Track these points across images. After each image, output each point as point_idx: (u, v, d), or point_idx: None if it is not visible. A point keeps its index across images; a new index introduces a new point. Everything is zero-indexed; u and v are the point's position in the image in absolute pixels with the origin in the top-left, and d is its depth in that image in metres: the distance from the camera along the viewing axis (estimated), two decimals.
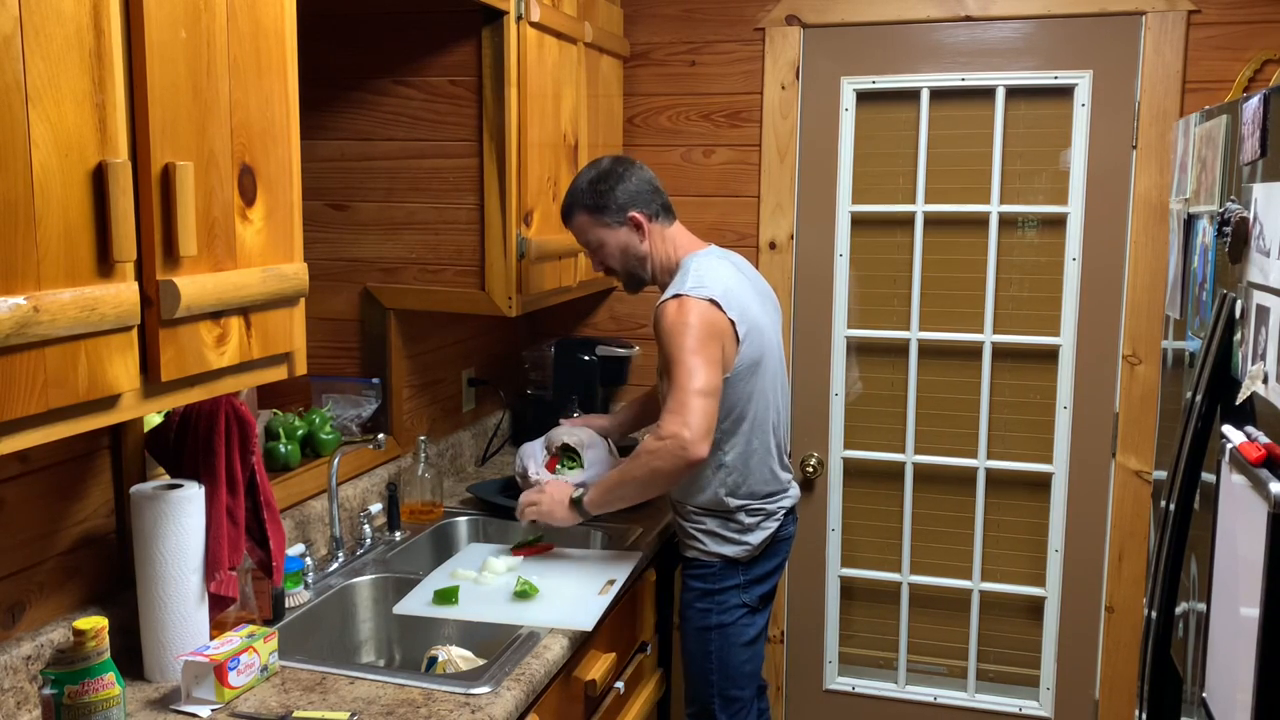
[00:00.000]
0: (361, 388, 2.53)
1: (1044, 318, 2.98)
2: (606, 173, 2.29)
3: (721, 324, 2.17)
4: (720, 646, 2.31)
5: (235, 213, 1.40)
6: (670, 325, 2.15)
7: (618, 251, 2.31)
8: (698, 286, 2.18)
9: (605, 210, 2.28)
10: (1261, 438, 1.52)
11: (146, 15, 1.23)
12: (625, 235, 2.29)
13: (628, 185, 2.28)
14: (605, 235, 2.29)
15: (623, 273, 2.35)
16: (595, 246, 2.33)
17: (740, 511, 2.28)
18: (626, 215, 2.28)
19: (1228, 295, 1.74)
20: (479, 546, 2.43)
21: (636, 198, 2.29)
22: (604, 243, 2.30)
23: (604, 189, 2.27)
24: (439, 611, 2.04)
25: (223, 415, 1.77)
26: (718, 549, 2.30)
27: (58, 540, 1.66)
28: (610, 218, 2.28)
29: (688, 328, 2.13)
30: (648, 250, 2.30)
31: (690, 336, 2.12)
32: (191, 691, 1.63)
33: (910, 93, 2.99)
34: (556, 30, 2.54)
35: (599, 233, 2.30)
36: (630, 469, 2.16)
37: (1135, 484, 2.91)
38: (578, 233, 2.34)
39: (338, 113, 2.46)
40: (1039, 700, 3.10)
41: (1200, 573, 1.81)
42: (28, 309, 1.08)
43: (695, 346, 2.12)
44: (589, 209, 2.29)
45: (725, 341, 2.17)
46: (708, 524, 2.29)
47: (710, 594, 2.31)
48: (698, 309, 2.15)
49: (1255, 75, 2.68)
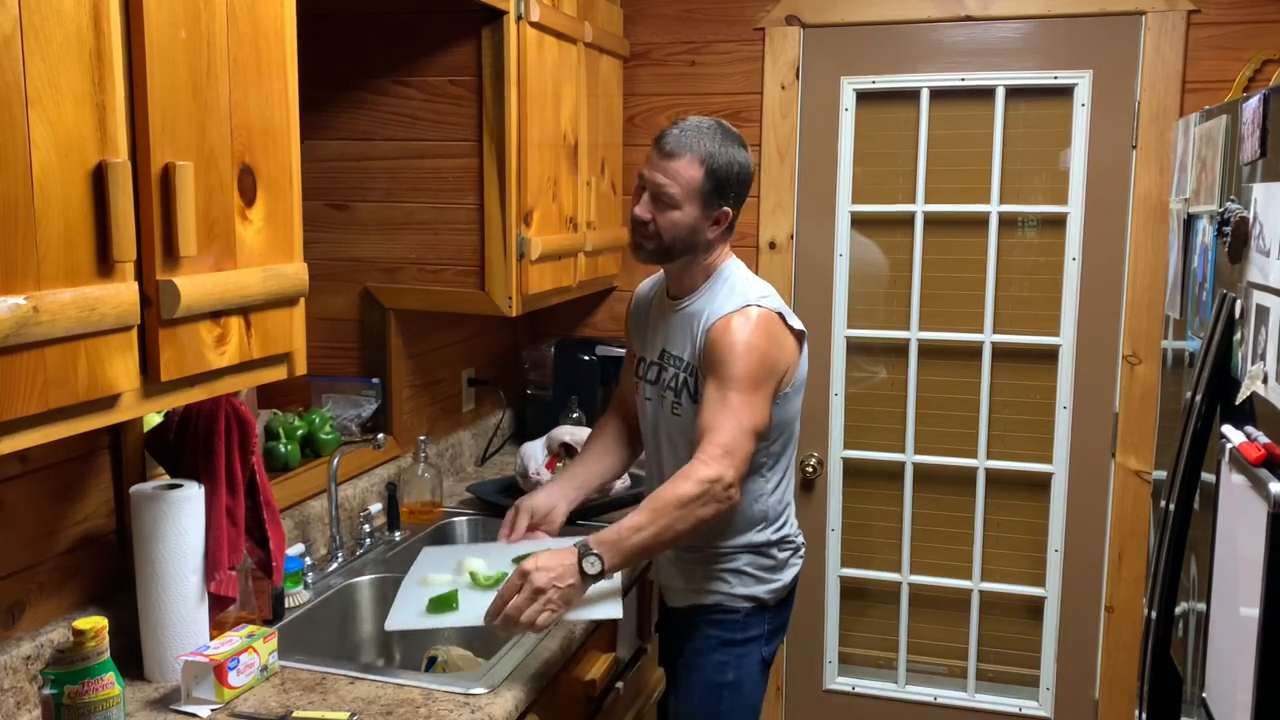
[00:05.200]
0: (361, 388, 2.53)
1: (1044, 318, 2.98)
2: (745, 155, 1.98)
3: (787, 341, 1.95)
4: (732, 708, 2.02)
5: (235, 213, 1.40)
6: (740, 344, 1.87)
7: (685, 226, 1.95)
8: (763, 296, 1.95)
9: (721, 186, 1.94)
10: (1261, 438, 1.52)
11: (146, 15, 1.23)
12: (705, 220, 1.96)
13: (749, 179, 2.00)
14: (694, 204, 1.94)
15: (665, 242, 1.96)
16: (672, 201, 1.94)
17: (776, 545, 2.04)
18: (722, 208, 1.97)
19: (1228, 295, 1.74)
20: (438, 550, 2.20)
21: (743, 196, 2.01)
22: (684, 207, 1.94)
23: (738, 166, 1.95)
24: (437, 621, 1.87)
25: (222, 415, 1.77)
26: (746, 590, 2.02)
27: (58, 540, 1.66)
28: (714, 198, 1.94)
29: (759, 354, 1.88)
30: (701, 247, 1.99)
31: (761, 364, 1.87)
32: (191, 691, 1.63)
33: (910, 93, 2.99)
34: (556, 30, 2.54)
35: (692, 196, 1.93)
36: (667, 521, 1.79)
37: (1135, 484, 2.91)
38: (673, 175, 1.93)
39: (338, 113, 2.46)
40: (1039, 700, 3.10)
41: (1200, 573, 1.81)
42: (27, 309, 1.08)
43: (762, 378, 1.87)
44: (709, 169, 1.92)
45: (790, 361, 1.96)
46: (739, 562, 2.01)
47: (732, 644, 2.01)
48: (766, 325, 1.91)
49: (1255, 75, 2.68)
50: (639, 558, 1.83)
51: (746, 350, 1.87)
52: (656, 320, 2.11)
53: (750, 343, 1.87)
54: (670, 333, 2.05)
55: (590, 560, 1.75)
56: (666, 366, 2.04)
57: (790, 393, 1.99)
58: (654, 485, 2.02)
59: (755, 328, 1.89)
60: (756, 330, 1.89)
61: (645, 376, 2.11)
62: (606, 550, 1.76)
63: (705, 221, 1.96)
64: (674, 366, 2.03)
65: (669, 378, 2.03)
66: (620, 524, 1.80)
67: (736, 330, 1.88)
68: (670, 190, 1.93)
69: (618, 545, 1.77)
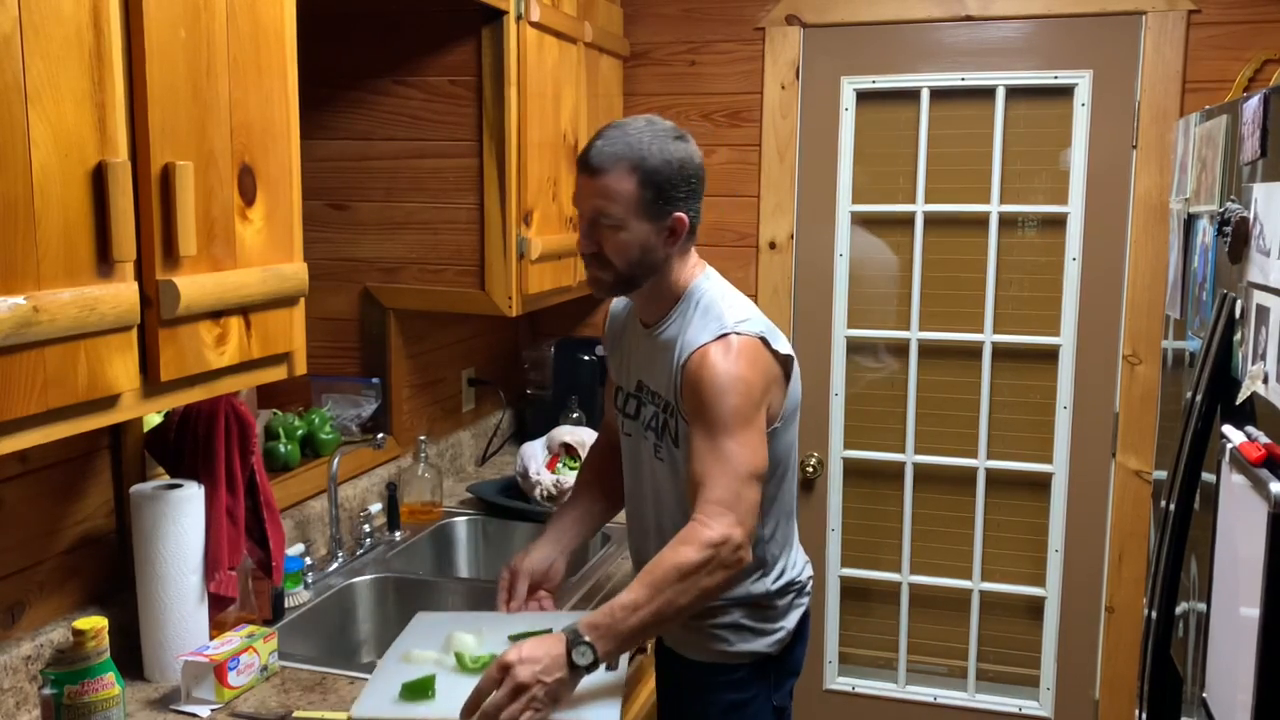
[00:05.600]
0: (361, 388, 2.53)
1: (1044, 318, 2.98)
2: (685, 149, 1.71)
3: (773, 370, 1.70)
4: None
5: (235, 212, 1.40)
6: (721, 379, 1.62)
7: (636, 246, 1.69)
8: (742, 320, 1.69)
9: (664, 191, 1.67)
10: (1261, 438, 1.52)
11: (146, 15, 1.23)
12: (658, 234, 1.70)
13: (698, 176, 1.73)
14: (638, 220, 1.68)
15: (622, 270, 1.71)
16: (613, 222, 1.68)
17: (777, 595, 1.81)
18: (673, 215, 1.70)
19: (1228, 295, 1.74)
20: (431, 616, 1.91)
21: (695, 195, 1.73)
22: (628, 226, 1.68)
23: (678, 162, 1.68)
24: (410, 710, 1.57)
25: (222, 415, 1.77)
26: (747, 646, 1.79)
27: (58, 540, 1.66)
28: (659, 206, 1.68)
29: (744, 386, 1.63)
30: (661, 264, 1.73)
31: (747, 398, 1.63)
32: (191, 691, 1.63)
33: (910, 92, 2.98)
34: (556, 30, 2.54)
35: (633, 211, 1.67)
36: (668, 596, 1.55)
37: (1135, 484, 2.91)
38: (605, 194, 1.67)
39: (338, 113, 2.46)
40: (1039, 700, 3.10)
41: (1200, 573, 1.81)
42: (27, 309, 1.08)
43: (750, 413, 1.63)
44: (643, 176, 1.66)
45: (775, 389, 1.71)
46: (733, 616, 1.77)
47: (738, 706, 1.80)
48: (751, 354, 1.66)
49: (1255, 75, 2.68)
50: (637, 641, 1.60)
51: (730, 385, 1.62)
52: (631, 346, 1.87)
53: (733, 375, 1.63)
54: (646, 363, 1.81)
55: (581, 650, 1.51)
56: (645, 403, 1.81)
57: (780, 426, 1.75)
58: (636, 528, 1.90)
59: (737, 358, 1.64)
60: (739, 361, 1.64)
61: (624, 409, 1.87)
62: (600, 637, 1.52)
63: (658, 236, 1.69)
64: (652, 404, 1.78)
65: (648, 416, 1.79)
66: (614, 603, 1.56)
67: (715, 364, 1.63)
68: (608, 211, 1.67)
69: (612, 630, 1.53)
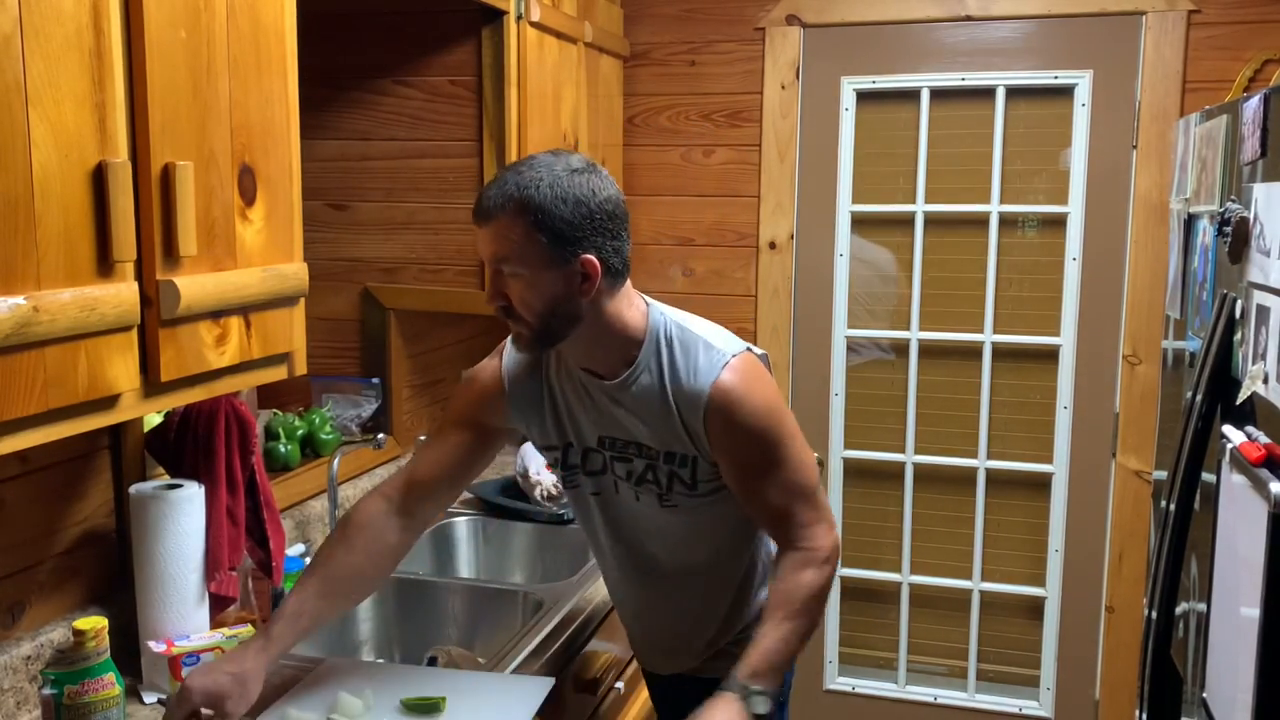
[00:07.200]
0: (361, 388, 2.53)
1: (1044, 318, 2.98)
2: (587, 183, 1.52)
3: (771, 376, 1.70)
4: None
5: (235, 213, 1.40)
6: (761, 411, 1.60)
7: (541, 296, 1.52)
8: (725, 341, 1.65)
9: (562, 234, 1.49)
10: (1261, 438, 1.52)
11: (146, 15, 1.23)
12: (565, 280, 1.51)
13: (604, 212, 1.52)
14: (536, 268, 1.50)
15: (535, 324, 1.54)
16: (513, 272, 1.52)
17: None
18: (580, 257, 1.51)
19: (1228, 295, 1.74)
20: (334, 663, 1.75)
21: (606, 233, 1.53)
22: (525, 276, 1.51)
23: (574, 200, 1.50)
24: None
25: (222, 415, 1.77)
26: None
27: (58, 540, 1.66)
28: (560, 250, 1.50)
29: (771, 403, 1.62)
30: (584, 311, 1.55)
31: (786, 415, 1.65)
32: (152, 677, 1.65)
33: (910, 93, 2.98)
34: (556, 30, 2.54)
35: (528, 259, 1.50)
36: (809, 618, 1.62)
37: (1135, 484, 2.91)
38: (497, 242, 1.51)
39: (338, 113, 2.46)
40: (1039, 700, 3.10)
41: (1200, 573, 1.81)
42: (28, 309, 1.08)
43: (787, 424, 1.64)
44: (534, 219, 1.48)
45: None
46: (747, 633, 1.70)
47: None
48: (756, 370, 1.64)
49: (1255, 75, 2.68)
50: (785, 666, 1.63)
51: (761, 412, 1.60)
52: (576, 402, 1.69)
53: (759, 403, 1.60)
54: (610, 417, 1.66)
55: (755, 700, 1.53)
56: (629, 457, 1.67)
57: None
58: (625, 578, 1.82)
59: (752, 380, 1.61)
60: (755, 382, 1.61)
61: (583, 467, 1.72)
62: (767, 681, 1.55)
63: (568, 283, 1.51)
64: (643, 457, 1.66)
65: (638, 471, 1.67)
66: (763, 647, 1.58)
67: (739, 400, 1.59)
68: (504, 259, 1.51)
69: (773, 669, 1.57)
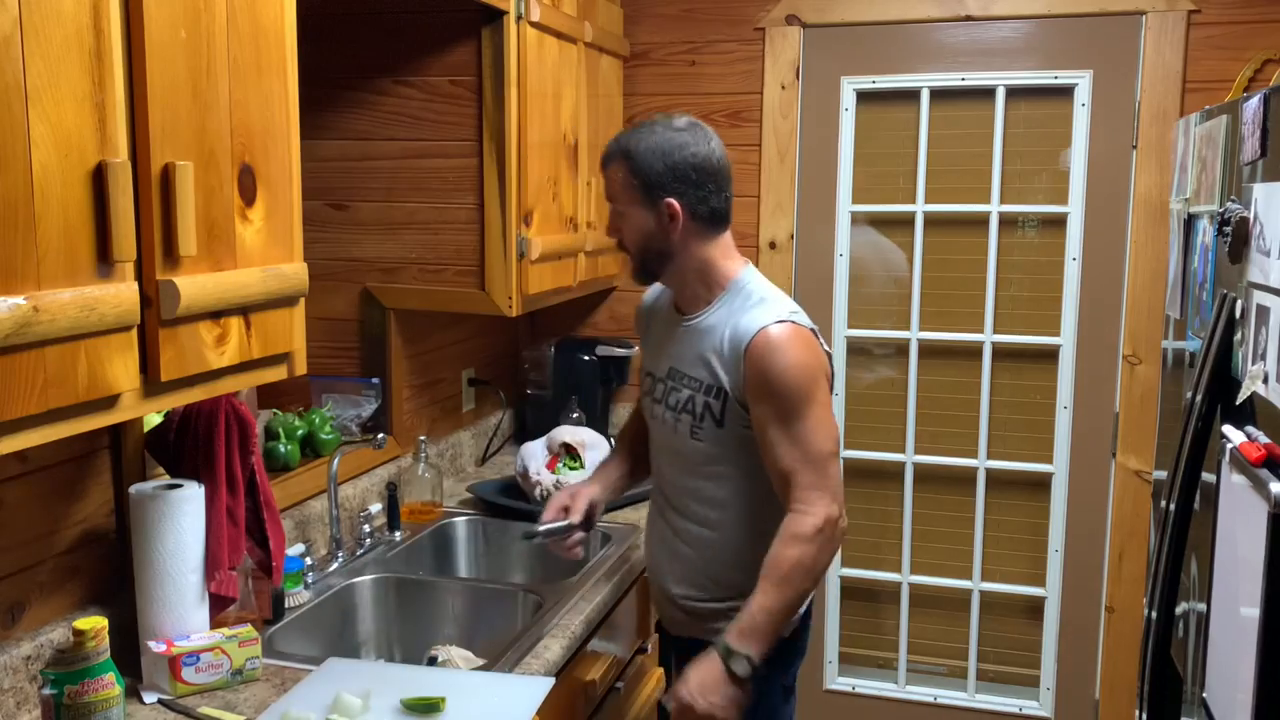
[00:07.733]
0: (361, 388, 2.53)
1: (1044, 318, 2.98)
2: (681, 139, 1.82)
3: (824, 361, 1.82)
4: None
5: (235, 212, 1.40)
6: (786, 361, 1.72)
7: (636, 231, 1.87)
8: (795, 311, 1.81)
9: (651, 179, 1.81)
10: (1261, 438, 1.52)
11: (146, 15, 1.23)
12: (655, 219, 1.84)
13: (692, 165, 1.81)
14: (633, 206, 1.85)
15: (635, 255, 1.90)
16: (617, 209, 1.90)
17: None
18: (664, 200, 1.82)
19: (1228, 295, 1.74)
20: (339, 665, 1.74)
21: (692, 184, 1.82)
22: (626, 213, 1.87)
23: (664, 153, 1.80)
24: None
25: (222, 415, 1.77)
26: None
27: (58, 540, 1.66)
28: (649, 193, 1.83)
29: (807, 367, 1.73)
30: (674, 250, 1.85)
31: (812, 376, 1.74)
32: (152, 677, 1.65)
33: (910, 93, 2.99)
34: (556, 30, 2.54)
35: (627, 199, 1.86)
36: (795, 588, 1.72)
37: (1135, 484, 2.91)
38: (608, 184, 1.90)
39: (338, 113, 2.46)
40: (1039, 700, 3.10)
41: (1200, 573, 1.81)
42: (27, 309, 1.08)
43: (816, 392, 1.73)
44: (631, 165, 1.83)
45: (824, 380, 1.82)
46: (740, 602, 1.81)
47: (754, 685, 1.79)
48: (807, 340, 1.76)
49: (1255, 75, 2.68)
50: (779, 634, 1.76)
51: (795, 365, 1.73)
52: (662, 336, 1.98)
53: (797, 357, 1.74)
54: (680, 350, 1.91)
55: (737, 660, 1.70)
56: (679, 387, 1.89)
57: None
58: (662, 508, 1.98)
59: (798, 342, 1.75)
60: (799, 344, 1.75)
61: (653, 394, 1.97)
62: (749, 644, 1.70)
63: (656, 222, 1.84)
64: (688, 388, 1.87)
65: (683, 400, 1.87)
66: (749, 611, 1.72)
67: (780, 348, 1.74)
68: (613, 198, 1.89)
69: (756, 633, 1.71)
